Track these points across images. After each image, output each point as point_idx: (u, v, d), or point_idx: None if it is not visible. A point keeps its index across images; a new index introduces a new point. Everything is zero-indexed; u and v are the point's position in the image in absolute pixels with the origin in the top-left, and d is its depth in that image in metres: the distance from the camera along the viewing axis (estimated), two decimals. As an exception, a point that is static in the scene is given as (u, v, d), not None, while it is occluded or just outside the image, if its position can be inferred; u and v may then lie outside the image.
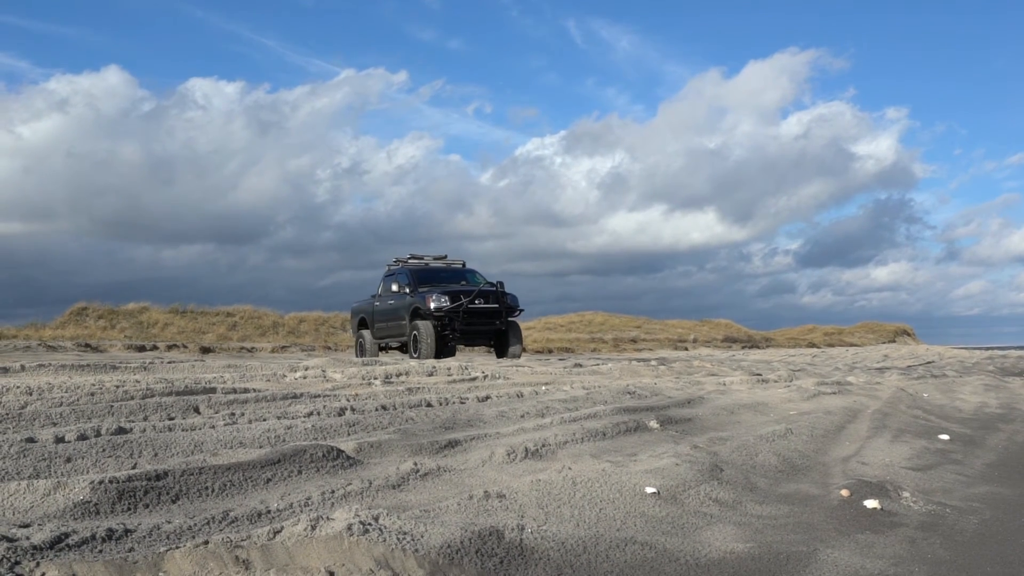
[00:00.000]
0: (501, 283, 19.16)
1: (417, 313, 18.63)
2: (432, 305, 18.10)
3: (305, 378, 7.69)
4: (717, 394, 7.69)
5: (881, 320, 55.53)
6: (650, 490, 3.53)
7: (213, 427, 4.46)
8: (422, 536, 2.61)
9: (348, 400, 5.76)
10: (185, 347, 24.10)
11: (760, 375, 10.83)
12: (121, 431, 4.14)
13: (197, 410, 5.12)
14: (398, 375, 8.28)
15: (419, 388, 6.93)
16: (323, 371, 8.29)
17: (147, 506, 2.98)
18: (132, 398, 5.31)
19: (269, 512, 2.91)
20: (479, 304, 18.55)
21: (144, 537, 2.50)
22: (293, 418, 4.88)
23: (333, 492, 3.26)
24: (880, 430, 5.98)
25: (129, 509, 2.92)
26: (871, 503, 3.72)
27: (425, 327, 18.00)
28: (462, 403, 5.96)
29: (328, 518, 2.61)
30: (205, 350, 24.24)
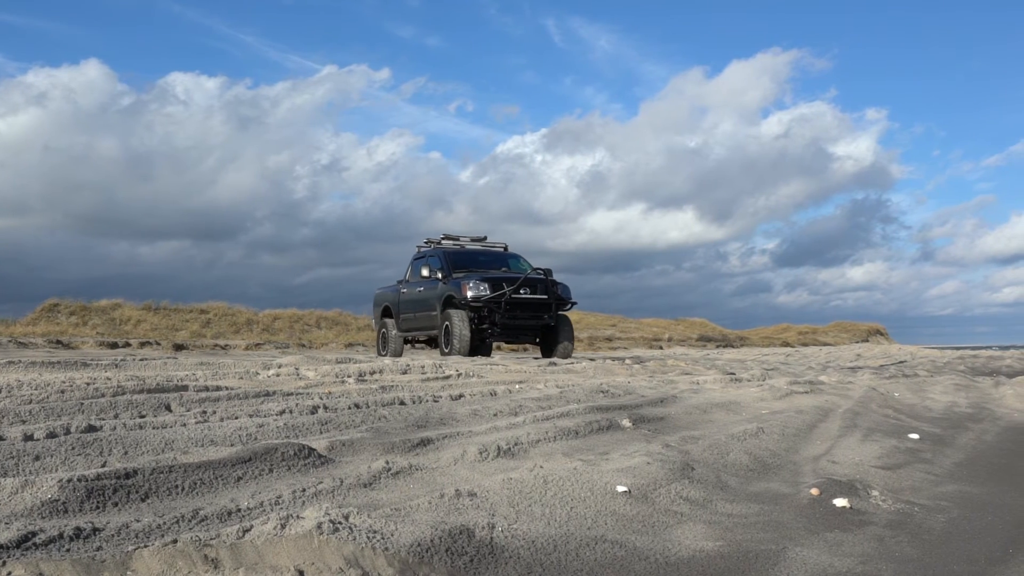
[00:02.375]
0: (549, 270, 16.55)
1: (451, 302, 16.34)
2: (469, 294, 15.83)
3: (278, 376, 7.66)
4: (690, 393, 7.72)
5: (855, 320, 55.97)
6: (621, 489, 3.54)
7: (184, 425, 4.44)
8: (392, 535, 2.61)
9: (321, 398, 5.74)
10: (158, 344, 23.97)
11: (733, 374, 10.88)
12: (91, 429, 4.12)
13: (168, 408, 5.09)
14: (371, 373, 8.26)
15: (393, 386, 6.92)
16: (296, 369, 8.26)
17: (116, 504, 2.96)
18: (103, 396, 5.27)
19: (239, 511, 2.90)
20: (524, 294, 16.12)
21: (112, 536, 2.49)
22: (265, 416, 4.86)
23: (304, 491, 3.25)
24: (851, 429, 6.03)
25: (98, 508, 2.90)
26: (840, 502, 3.75)
27: (459, 319, 15.76)
28: (435, 401, 5.95)
29: (298, 517, 2.60)
30: (178, 347, 24.11)
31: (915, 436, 6.00)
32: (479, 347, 16.14)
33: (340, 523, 2.58)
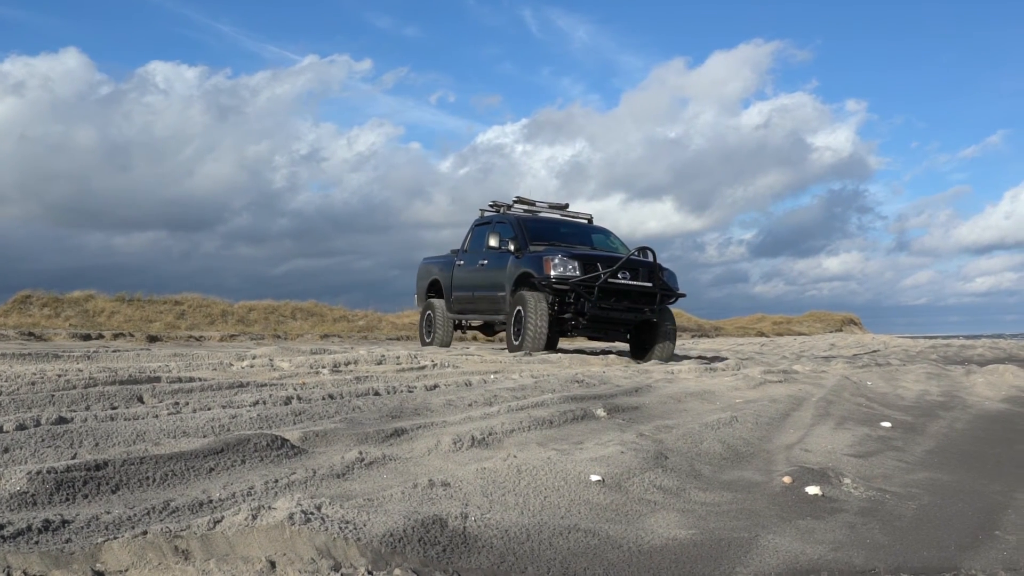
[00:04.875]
0: (652, 251, 12.89)
1: (525, 282, 12.99)
2: (553, 272, 12.34)
3: (252, 367, 7.63)
4: (665, 383, 7.75)
5: (830, 310, 56.25)
6: (595, 478, 3.55)
7: (156, 416, 4.41)
8: (365, 525, 2.60)
9: (295, 389, 5.72)
10: (132, 336, 23.81)
11: (708, 364, 10.92)
12: (62, 421, 4.08)
13: (141, 399, 5.05)
14: (346, 364, 8.24)
15: (367, 377, 6.90)
16: (270, 360, 8.22)
17: (86, 496, 2.93)
18: (74, 387, 5.23)
19: (211, 502, 2.89)
20: (623, 279, 12.61)
21: (82, 528, 2.47)
22: (238, 407, 4.84)
23: (277, 481, 3.23)
24: (824, 418, 6.06)
25: (67, 500, 2.88)
26: (813, 489, 3.77)
27: (536, 303, 12.35)
28: (410, 392, 5.94)
29: (270, 507, 2.59)
30: (152, 339, 23.96)
31: (887, 424, 6.04)
32: (553, 340, 12.71)
33: (312, 514, 2.57)
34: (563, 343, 18.52)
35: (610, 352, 14.53)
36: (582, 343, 20.96)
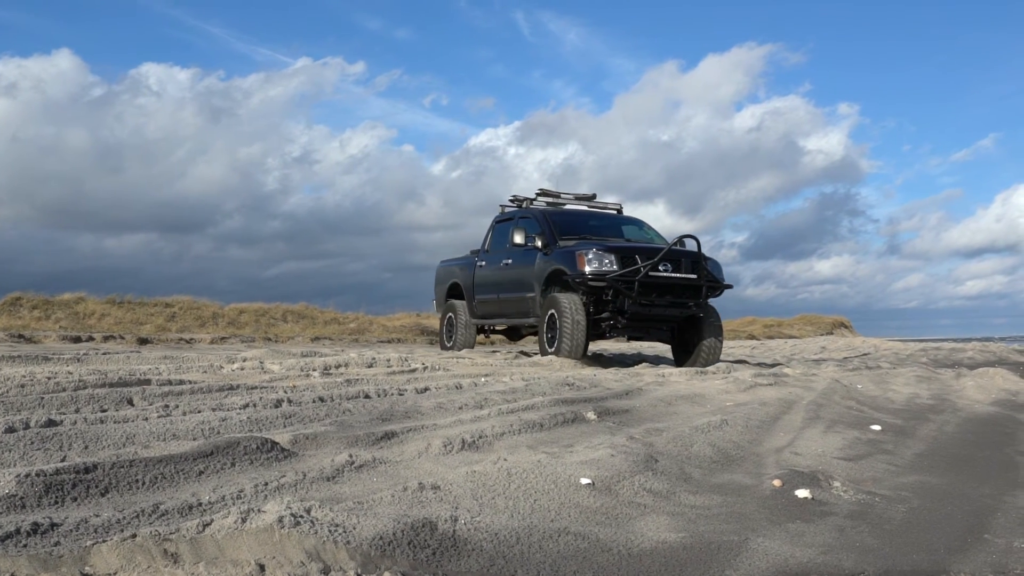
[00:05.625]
0: (697, 239, 11.62)
1: (557, 280, 11.83)
2: (588, 268, 11.14)
3: (242, 369, 7.62)
4: (655, 385, 7.75)
5: (821, 313, 56.31)
6: (585, 481, 3.55)
7: (146, 419, 4.40)
8: (354, 528, 2.60)
9: (285, 392, 5.71)
10: (122, 338, 23.74)
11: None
12: (51, 423, 4.07)
13: (130, 402, 5.05)
14: (337, 367, 8.23)
15: (358, 380, 6.89)
16: (261, 362, 8.21)
17: (75, 499, 2.93)
18: (64, 390, 5.22)
19: (200, 505, 2.88)
20: (664, 271, 11.35)
21: (71, 531, 2.46)
22: (228, 410, 4.83)
23: (266, 484, 3.23)
24: (814, 421, 6.07)
25: (56, 503, 2.87)
26: (802, 493, 3.78)
27: (571, 304, 11.19)
28: (400, 395, 5.94)
29: (259, 510, 2.59)
30: (142, 341, 23.90)
31: (877, 427, 6.05)
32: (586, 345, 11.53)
33: (302, 517, 2.57)
34: (598, 346, 17.01)
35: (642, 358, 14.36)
36: (603, 345, 20.81)
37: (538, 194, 14.10)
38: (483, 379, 7.46)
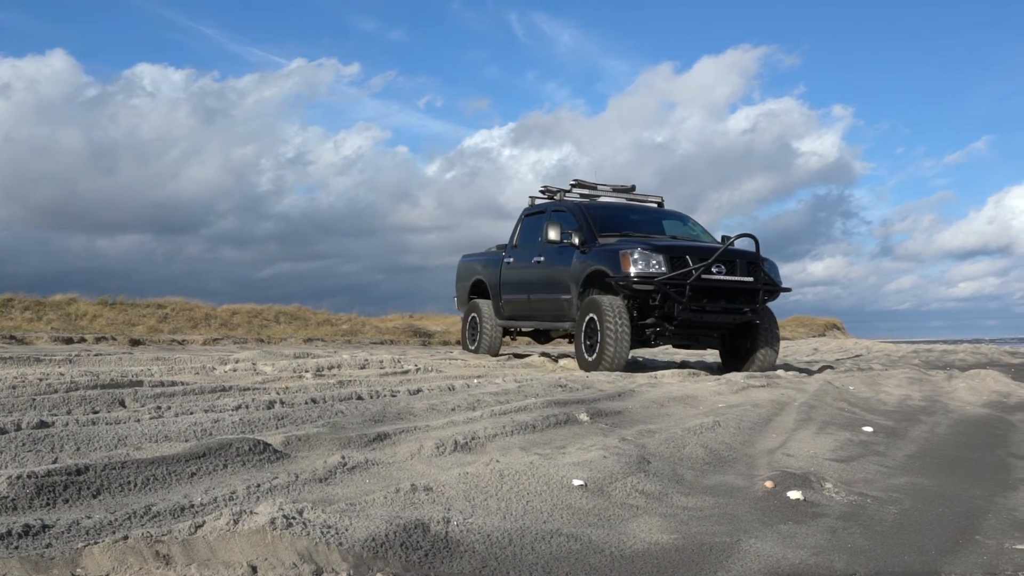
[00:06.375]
0: (755, 238, 10.54)
1: (596, 282, 10.76)
2: (633, 270, 10.10)
3: (235, 371, 7.61)
4: (648, 387, 7.76)
5: (813, 314, 56.36)
6: (577, 482, 3.55)
7: (138, 421, 4.39)
8: (347, 529, 2.60)
9: (277, 393, 5.71)
10: (114, 339, 23.68)
11: (691, 368, 10.93)
12: (43, 425, 4.07)
13: (123, 403, 5.04)
14: (330, 368, 8.23)
15: (350, 381, 6.89)
16: (253, 364, 8.21)
17: (67, 501, 2.92)
18: (55, 391, 5.21)
19: (192, 506, 2.88)
20: (717, 274, 10.33)
21: (63, 533, 2.46)
22: (221, 411, 4.83)
23: (259, 486, 3.23)
24: (806, 422, 6.08)
25: (48, 504, 2.87)
26: (794, 494, 3.78)
27: (614, 309, 10.06)
28: (393, 396, 5.94)
29: (251, 512, 2.59)
30: (134, 342, 23.83)
31: (869, 429, 6.06)
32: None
33: (294, 518, 2.57)
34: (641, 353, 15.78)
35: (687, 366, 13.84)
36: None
37: (572, 185, 12.83)
38: (476, 380, 7.46)
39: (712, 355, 14.98)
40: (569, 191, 12.74)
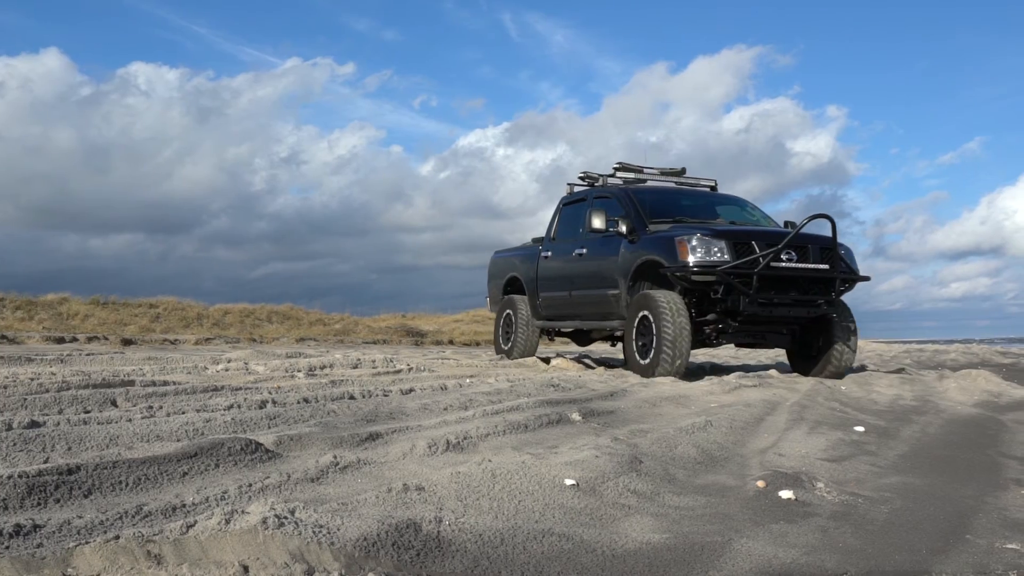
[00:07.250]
0: (832, 220, 9.37)
1: (648, 274, 9.58)
2: (692, 258, 8.87)
3: (227, 371, 7.60)
4: (640, 387, 7.77)
5: (804, 314, 56.32)
6: (569, 482, 3.56)
7: (130, 420, 4.39)
8: (338, 529, 2.60)
9: (270, 393, 5.70)
10: (106, 339, 23.63)
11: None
12: (34, 424, 4.06)
13: (114, 403, 5.03)
14: (322, 368, 8.22)
15: (343, 381, 6.89)
16: (246, 363, 8.20)
17: (58, 501, 2.92)
18: (47, 391, 5.20)
19: (184, 506, 2.88)
20: (788, 261, 9.08)
21: (53, 532, 2.46)
22: (213, 411, 4.82)
23: (251, 486, 3.23)
24: (798, 422, 6.09)
25: (39, 504, 2.86)
26: (786, 494, 3.79)
27: (671, 304, 8.90)
28: (385, 396, 5.94)
29: (243, 512, 2.58)
30: (126, 342, 23.78)
31: (860, 429, 6.08)
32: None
33: (286, 518, 2.56)
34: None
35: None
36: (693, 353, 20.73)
37: (616, 169, 11.58)
38: (468, 380, 7.46)
39: (770, 356, 14.30)
40: (612, 176, 11.57)
